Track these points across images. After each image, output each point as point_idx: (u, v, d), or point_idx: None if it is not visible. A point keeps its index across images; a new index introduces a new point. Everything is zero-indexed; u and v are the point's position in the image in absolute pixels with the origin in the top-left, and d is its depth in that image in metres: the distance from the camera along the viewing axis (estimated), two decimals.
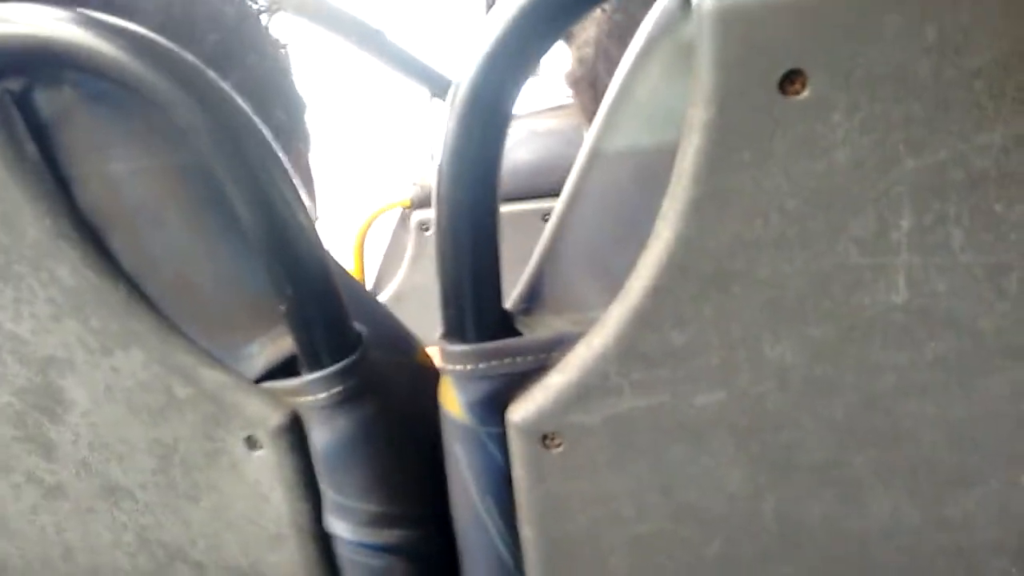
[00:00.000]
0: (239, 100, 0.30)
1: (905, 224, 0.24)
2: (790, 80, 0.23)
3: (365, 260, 1.31)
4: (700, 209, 0.25)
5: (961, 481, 0.27)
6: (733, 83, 0.24)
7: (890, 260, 0.25)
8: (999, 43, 0.22)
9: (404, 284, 1.25)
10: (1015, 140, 0.23)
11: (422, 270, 1.23)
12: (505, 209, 0.30)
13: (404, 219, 1.26)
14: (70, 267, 0.31)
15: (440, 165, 0.28)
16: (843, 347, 0.26)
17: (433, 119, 2.17)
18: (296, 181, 0.45)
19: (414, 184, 1.21)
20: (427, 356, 0.38)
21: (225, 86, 0.29)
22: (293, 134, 0.47)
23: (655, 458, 0.29)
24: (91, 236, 0.31)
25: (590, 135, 0.29)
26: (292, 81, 0.47)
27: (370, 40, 1.77)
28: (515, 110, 0.28)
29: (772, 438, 0.28)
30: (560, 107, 1.16)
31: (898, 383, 0.26)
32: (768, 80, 0.23)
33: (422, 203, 1.21)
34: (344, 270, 0.35)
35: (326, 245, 0.32)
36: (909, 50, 0.22)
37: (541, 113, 1.15)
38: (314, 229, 0.31)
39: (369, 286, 1.33)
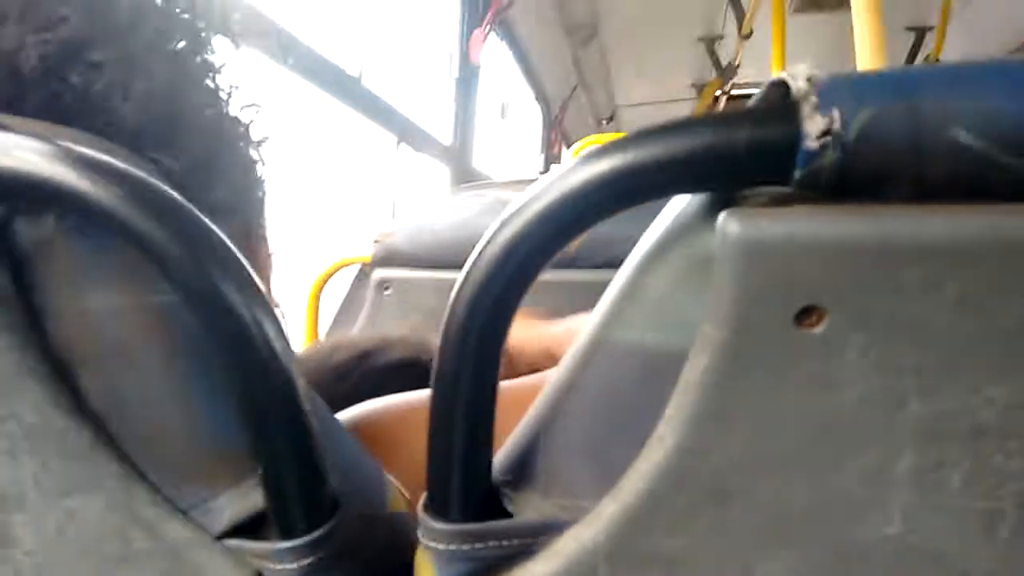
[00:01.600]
0: (227, 243, 0.28)
1: (906, 462, 0.25)
2: (807, 314, 0.23)
3: (318, 314, 1.28)
4: (705, 423, 0.25)
5: None
6: (751, 309, 0.24)
7: (888, 494, 0.25)
8: (1012, 309, 0.22)
9: None
10: (1019, 398, 0.23)
11: (379, 328, 1.21)
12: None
13: (363, 275, 1.24)
14: (32, 404, 0.29)
15: (444, 340, 0.28)
16: (833, 569, 0.26)
17: (399, 167, 2.17)
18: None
19: (376, 241, 1.20)
20: (401, 503, 0.37)
21: (210, 225, 0.28)
22: (261, 230, 0.46)
23: None
24: (59, 374, 0.29)
25: (594, 320, 0.29)
26: (262, 179, 0.45)
27: (343, 86, 1.77)
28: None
29: None
30: (525, 180, 1.17)
31: None
32: (786, 312, 0.23)
33: (383, 261, 1.20)
34: (325, 413, 0.34)
35: (308, 396, 0.30)
36: (928, 303, 0.23)
37: (506, 185, 1.15)
38: (299, 381, 0.30)
39: (321, 338, 1.30)
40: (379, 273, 1.20)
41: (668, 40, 3.57)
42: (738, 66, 3.57)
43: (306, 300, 1.27)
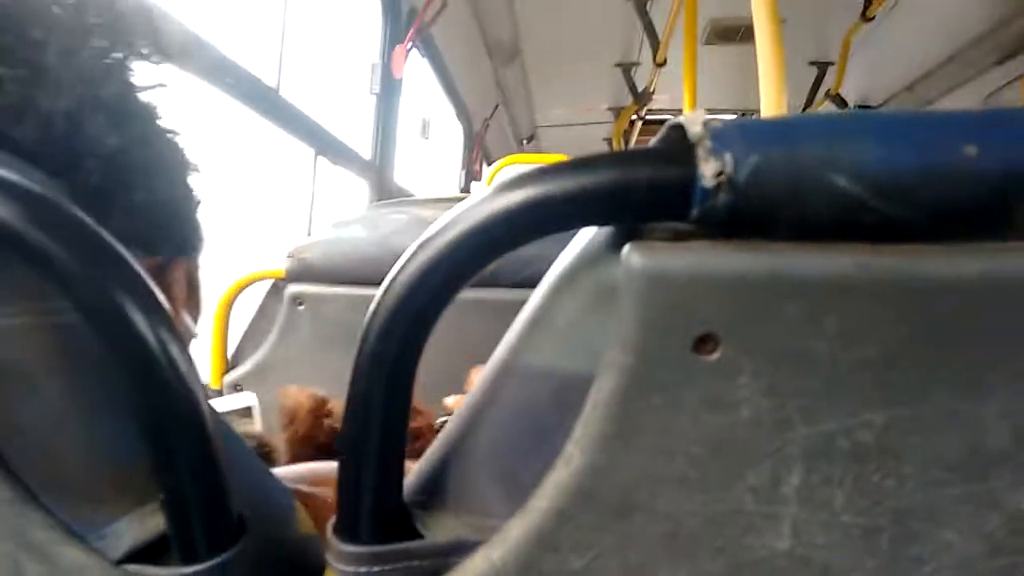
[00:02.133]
0: (131, 261, 0.28)
1: (794, 480, 0.26)
2: (703, 342, 0.25)
3: (227, 327, 1.24)
4: (610, 442, 0.26)
5: None
6: (652, 337, 0.25)
7: (779, 510, 0.27)
8: (884, 340, 0.24)
9: (269, 357, 1.19)
10: (893, 422, 0.25)
11: (290, 344, 1.19)
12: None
13: (276, 290, 1.22)
14: None
15: (358, 364, 0.28)
16: None
17: (316, 181, 2.14)
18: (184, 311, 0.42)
19: (290, 256, 1.18)
20: (307, 523, 0.36)
21: (113, 243, 0.27)
22: (183, 250, 0.45)
23: None
24: None
25: (504, 346, 0.30)
26: (187, 199, 0.44)
27: (261, 97, 1.73)
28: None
29: None
30: (444, 199, 1.18)
31: None
32: (684, 339, 0.25)
33: (297, 276, 1.18)
34: (231, 436, 0.34)
35: (212, 413, 0.30)
36: (810, 333, 0.25)
37: (424, 203, 1.16)
38: (204, 403, 0.29)
39: (230, 353, 1.26)
40: (293, 288, 1.18)
41: (587, 64, 3.66)
42: (653, 92, 3.69)
43: (214, 316, 1.23)
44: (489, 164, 4.07)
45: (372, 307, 0.28)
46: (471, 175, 3.96)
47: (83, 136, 0.34)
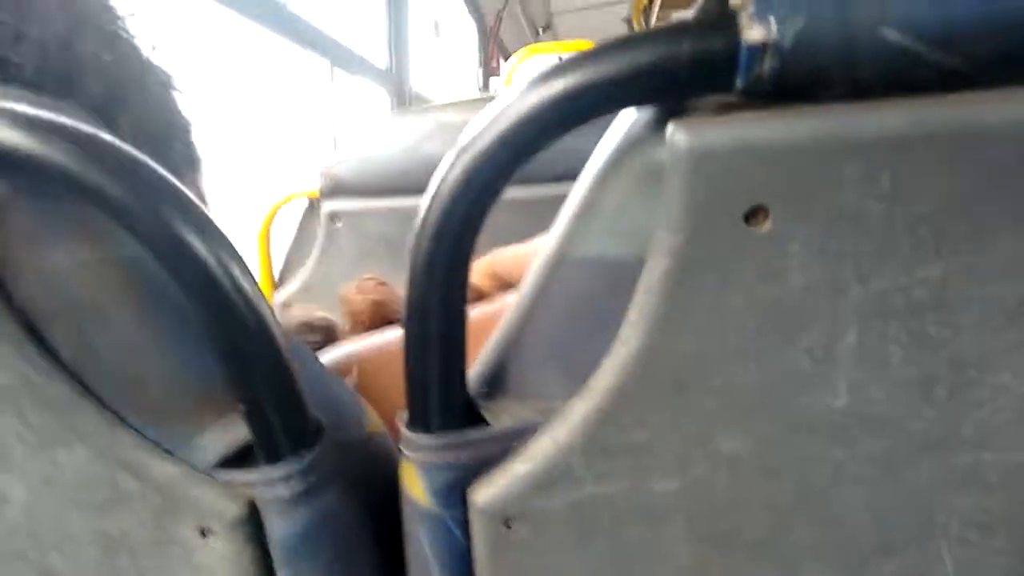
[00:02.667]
0: (183, 189, 0.28)
1: (850, 340, 0.27)
2: (754, 214, 0.25)
3: (271, 250, 1.27)
4: (664, 323, 0.27)
5: (883, 553, 0.31)
6: (702, 214, 0.25)
7: (834, 370, 0.27)
8: (942, 193, 0.24)
9: (313, 276, 1.22)
10: (950, 274, 0.25)
11: (332, 261, 1.21)
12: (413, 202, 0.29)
13: (312, 209, 1.23)
14: (5, 365, 0.29)
15: (413, 268, 0.29)
16: (788, 442, 0.29)
17: (335, 94, 2.11)
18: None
19: (322, 174, 1.18)
20: (378, 423, 0.38)
21: (165, 174, 0.28)
22: (190, 165, 0.46)
23: (613, 539, 0.31)
24: (28, 331, 0.30)
25: (553, 237, 0.30)
26: (180, 111, 0.44)
27: (270, 12, 1.69)
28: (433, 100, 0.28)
29: (720, 519, 0.31)
30: (466, 102, 1.16)
31: (834, 474, 0.29)
32: (734, 213, 0.25)
33: (331, 192, 1.19)
34: (297, 346, 0.35)
35: (277, 325, 0.31)
36: (864, 194, 0.24)
37: (448, 107, 1.14)
38: (270, 315, 0.30)
39: (276, 276, 1.29)
40: (328, 206, 1.18)
41: None
42: None
43: (256, 240, 1.25)
44: (507, 59, 3.95)
45: (422, 210, 0.28)
46: (488, 72, 3.86)
47: (78, 57, 0.34)
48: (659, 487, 0.30)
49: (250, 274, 0.30)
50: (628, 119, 0.28)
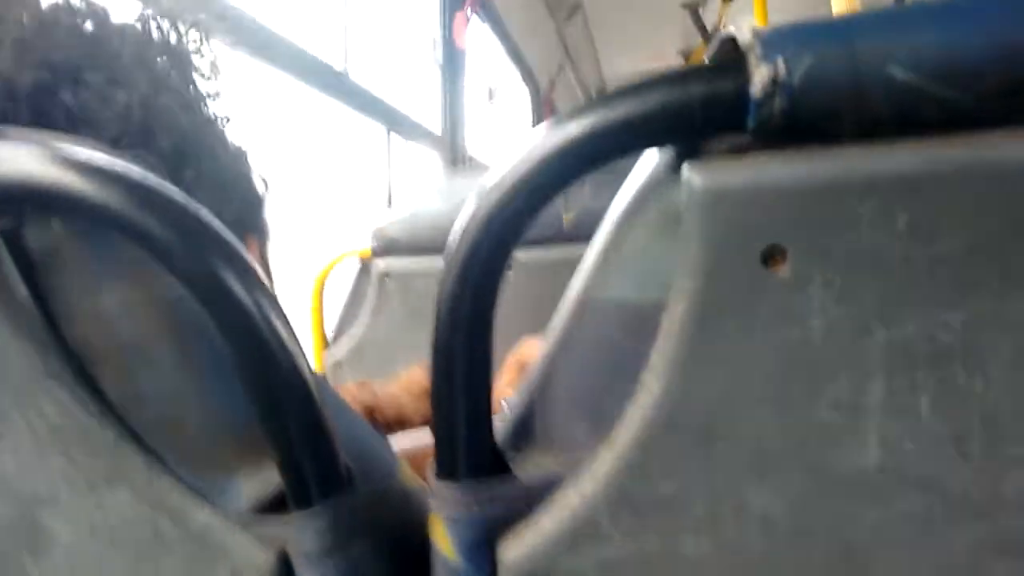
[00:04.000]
0: (227, 235, 0.30)
1: (876, 390, 0.26)
2: (771, 256, 0.25)
3: (323, 309, 1.30)
4: (686, 368, 0.27)
5: None
6: (719, 257, 0.25)
7: (862, 422, 0.26)
8: (962, 234, 0.23)
9: (366, 333, 1.24)
10: (974, 320, 0.24)
11: (384, 320, 1.23)
12: None
13: (365, 268, 1.26)
14: (57, 406, 0.31)
15: (438, 313, 0.29)
16: (820, 500, 0.28)
17: (391, 157, 2.18)
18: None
19: (374, 233, 1.21)
20: (410, 475, 0.38)
21: (209, 217, 0.30)
22: (252, 228, 0.48)
23: None
24: (80, 373, 0.31)
25: (579, 281, 0.30)
26: (249, 177, 0.48)
27: (331, 80, 1.78)
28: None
29: None
30: None
31: (871, 534, 0.28)
32: (751, 255, 0.25)
33: (383, 252, 1.22)
34: (330, 393, 0.36)
35: (312, 372, 0.32)
36: (882, 234, 0.24)
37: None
38: (304, 361, 0.31)
39: (329, 335, 1.32)
40: (380, 264, 1.21)
41: (652, 9, 3.56)
42: (723, 29, 3.56)
43: (310, 298, 1.29)
44: None
45: (445, 259, 0.29)
46: None
47: (156, 118, 0.38)
48: (690, 546, 0.29)
49: (287, 321, 0.31)
50: (648, 163, 0.28)
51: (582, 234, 1.05)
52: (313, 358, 1.32)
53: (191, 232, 0.28)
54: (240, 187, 0.47)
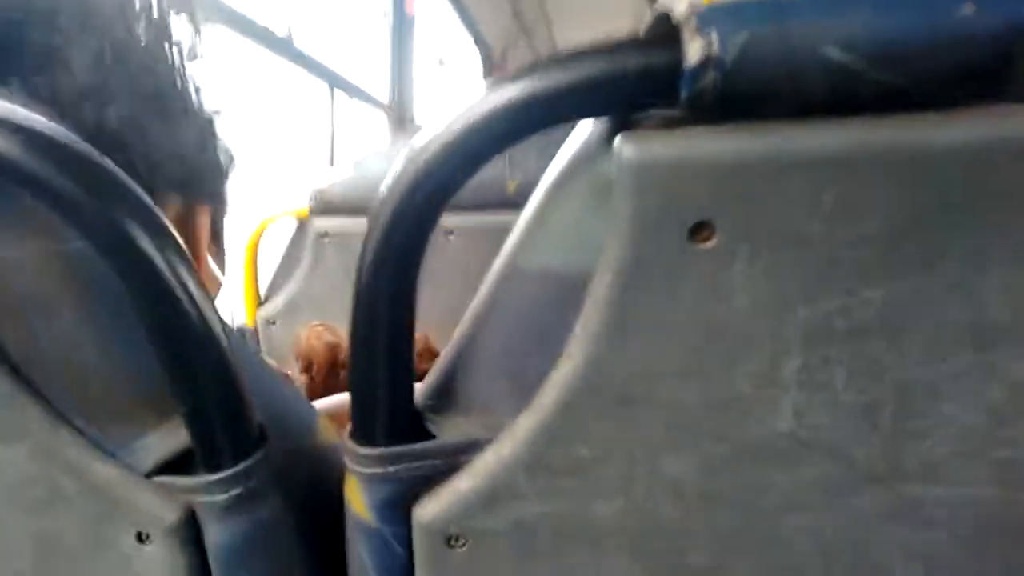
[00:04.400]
0: (137, 189, 0.28)
1: (794, 363, 0.26)
2: (699, 229, 0.25)
3: (257, 266, 1.26)
4: (610, 337, 0.27)
5: None
6: (647, 229, 0.25)
7: (778, 393, 0.27)
8: (885, 215, 0.24)
9: (301, 291, 1.21)
10: (894, 297, 0.25)
11: (320, 279, 1.21)
12: None
13: (302, 228, 1.23)
14: None
15: (360, 270, 0.28)
16: (732, 466, 0.28)
17: (332, 116, 2.13)
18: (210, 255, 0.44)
19: (313, 193, 1.18)
20: (329, 432, 0.38)
21: (115, 171, 0.28)
22: (206, 196, 0.47)
23: (555, 561, 0.30)
24: None
25: (508, 247, 0.30)
26: (212, 146, 0.46)
27: (276, 43, 1.72)
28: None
29: (664, 544, 0.30)
30: None
31: (779, 500, 0.29)
32: (679, 228, 0.25)
33: (321, 211, 1.19)
34: (247, 351, 0.35)
35: (227, 334, 0.31)
36: (806, 214, 0.24)
37: None
38: (216, 319, 0.30)
39: (262, 293, 1.29)
40: (318, 223, 1.19)
41: None
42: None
43: (243, 255, 1.25)
44: None
45: (369, 219, 0.28)
46: None
47: (107, 85, 0.36)
48: (602, 508, 0.29)
49: (198, 277, 0.29)
50: (583, 132, 0.28)
51: (526, 201, 1.05)
52: (245, 315, 1.29)
53: (95, 183, 0.27)
54: (199, 155, 0.46)
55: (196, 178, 0.45)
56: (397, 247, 0.28)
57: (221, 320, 0.30)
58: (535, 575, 0.31)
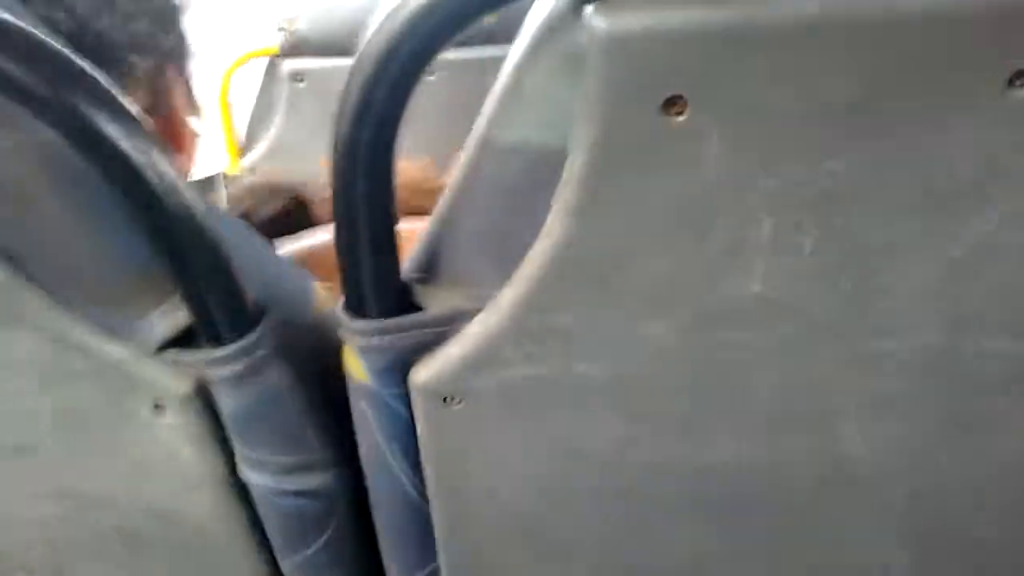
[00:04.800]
0: (97, 78, 0.28)
1: (762, 230, 0.27)
2: (670, 104, 0.25)
3: (232, 113, 1.23)
4: (585, 213, 0.27)
5: (790, 431, 0.33)
6: (619, 104, 0.25)
7: (749, 259, 0.28)
8: (847, 85, 0.24)
9: (279, 139, 1.19)
10: (857, 163, 0.26)
11: (296, 123, 1.17)
12: None
13: (273, 68, 1.17)
14: None
15: (336, 142, 0.28)
16: (706, 327, 0.30)
17: None
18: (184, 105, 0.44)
19: (282, 29, 1.12)
20: (325, 299, 0.39)
21: (74, 58, 0.27)
22: (181, 53, 0.45)
23: (541, 415, 0.33)
24: None
25: (481, 121, 0.30)
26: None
27: None
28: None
29: (640, 396, 0.32)
30: None
31: (749, 355, 0.31)
32: (651, 103, 0.25)
33: (292, 50, 1.13)
34: (240, 228, 0.35)
35: (209, 211, 0.31)
36: (772, 86, 0.24)
37: None
38: (196, 199, 0.30)
39: (240, 140, 1.26)
40: (290, 64, 1.14)
41: None
42: None
43: (216, 101, 1.21)
44: None
45: (345, 85, 0.28)
46: None
47: None
48: (584, 370, 0.32)
49: (169, 160, 0.29)
50: (547, 5, 0.27)
51: (504, 35, 1.00)
52: (228, 164, 1.27)
53: (58, 77, 0.26)
54: (163, 17, 0.44)
55: (162, 38, 0.44)
56: (373, 122, 0.27)
57: (199, 202, 0.30)
58: (523, 427, 0.34)
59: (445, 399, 0.33)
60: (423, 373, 0.32)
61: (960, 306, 0.28)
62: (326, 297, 0.41)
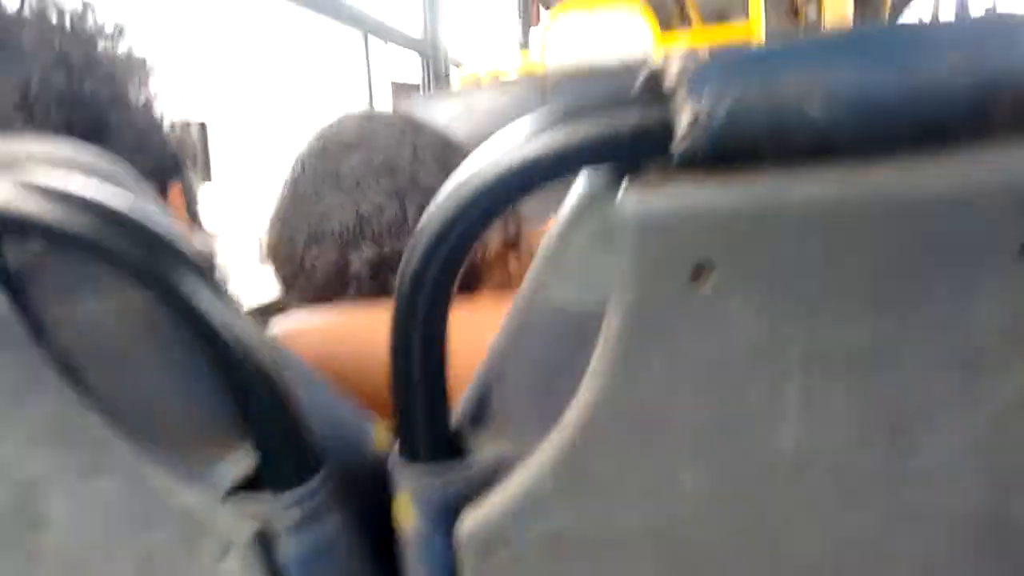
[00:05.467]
0: (186, 245, 0.31)
1: (796, 389, 0.28)
2: (699, 273, 0.27)
3: None
4: (623, 372, 0.29)
5: None
6: (650, 275, 0.27)
7: (782, 416, 0.29)
8: (872, 257, 0.25)
9: None
10: (883, 332, 0.27)
11: None
12: None
13: None
14: (44, 406, 0.33)
15: (397, 300, 0.31)
16: (742, 480, 0.31)
17: (368, 63, 2.12)
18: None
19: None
20: (385, 439, 0.41)
21: (174, 232, 0.31)
22: (173, 175, 0.50)
23: (585, 565, 0.34)
24: (66, 375, 0.33)
25: (527, 279, 0.32)
26: (160, 126, 0.50)
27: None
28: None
29: (683, 547, 0.33)
30: (491, 87, 1.16)
31: (784, 510, 0.31)
32: (680, 273, 0.27)
33: None
34: (300, 368, 0.38)
35: (284, 363, 0.34)
36: (797, 255, 0.26)
37: (473, 92, 1.14)
38: (269, 358, 0.33)
39: None
40: None
41: None
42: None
43: None
44: (547, 8, 3.91)
45: (407, 251, 0.30)
46: (528, 23, 3.83)
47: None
48: (625, 518, 0.32)
49: (248, 321, 0.32)
50: (588, 179, 0.29)
51: None
52: None
53: (154, 250, 0.30)
54: (154, 138, 0.49)
55: (160, 161, 0.49)
56: (429, 287, 0.30)
57: (274, 359, 0.33)
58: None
59: (489, 549, 0.34)
60: (470, 522, 0.34)
61: (1004, 463, 0.28)
62: (384, 438, 0.42)
